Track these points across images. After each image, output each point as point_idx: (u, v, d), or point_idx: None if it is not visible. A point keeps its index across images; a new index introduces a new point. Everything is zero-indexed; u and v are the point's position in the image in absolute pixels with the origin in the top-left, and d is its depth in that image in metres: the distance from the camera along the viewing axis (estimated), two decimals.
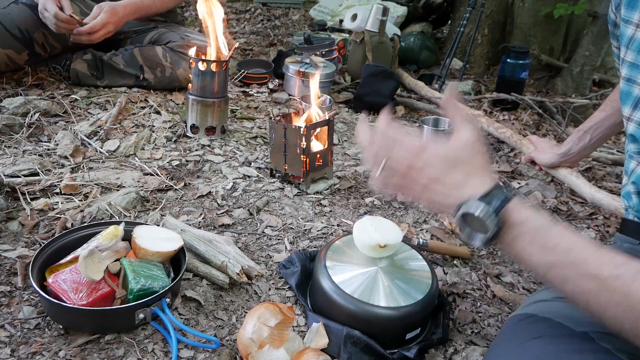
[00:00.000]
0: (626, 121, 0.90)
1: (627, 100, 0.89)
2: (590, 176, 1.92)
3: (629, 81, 0.89)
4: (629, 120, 0.89)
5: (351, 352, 0.94)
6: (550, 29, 3.03)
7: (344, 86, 2.55)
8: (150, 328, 0.97)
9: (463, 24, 2.73)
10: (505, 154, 2.05)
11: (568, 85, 2.81)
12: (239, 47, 2.89)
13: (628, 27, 0.88)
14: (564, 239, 0.66)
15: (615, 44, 1.00)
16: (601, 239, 1.52)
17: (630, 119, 0.88)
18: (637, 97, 0.87)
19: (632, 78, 0.88)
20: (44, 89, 1.88)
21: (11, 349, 0.90)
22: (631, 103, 0.88)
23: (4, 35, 1.77)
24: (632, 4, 0.87)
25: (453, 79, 2.86)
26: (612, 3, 0.97)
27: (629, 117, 0.89)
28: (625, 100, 0.89)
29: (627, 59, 0.88)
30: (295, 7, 4.17)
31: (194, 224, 1.30)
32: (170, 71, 1.98)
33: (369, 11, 2.62)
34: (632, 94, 0.88)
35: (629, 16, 0.88)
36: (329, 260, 1.03)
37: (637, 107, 0.87)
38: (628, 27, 0.88)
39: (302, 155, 1.46)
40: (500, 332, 0.84)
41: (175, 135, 1.73)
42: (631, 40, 0.87)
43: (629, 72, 0.88)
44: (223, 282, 1.09)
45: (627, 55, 0.88)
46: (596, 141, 1.38)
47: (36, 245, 1.15)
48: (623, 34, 0.89)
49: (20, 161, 1.43)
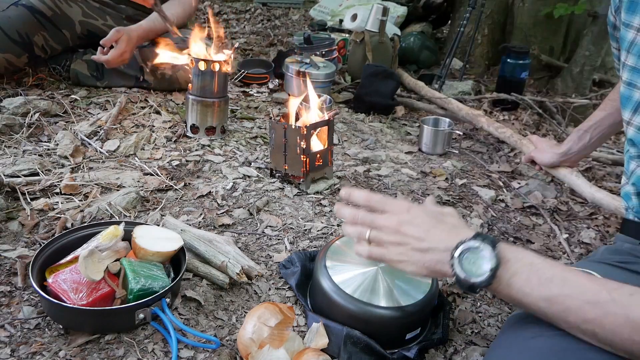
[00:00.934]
0: (626, 125, 0.90)
1: (628, 104, 0.89)
2: (590, 176, 1.93)
3: (629, 85, 0.88)
4: (629, 125, 0.89)
5: (351, 352, 0.94)
6: (550, 29, 3.03)
7: (344, 86, 2.55)
8: (150, 328, 0.97)
9: (463, 24, 2.73)
10: (505, 154, 2.05)
11: (568, 85, 2.81)
12: (239, 47, 2.89)
13: (629, 32, 0.88)
14: (556, 271, 0.68)
15: (615, 46, 1.00)
16: (601, 239, 1.52)
17: (630, 123, 0.88)
18: (637, 101, 0.87)
19: (632, 82, 0.88)
20: (44, 89, 1.88)
21: (11, 349, 0.90)
22: (631, 107, 0.88)
23: (3, 39, 1.75)
24: (632, 8, 0.87)
25: (453, 79, 2.86)
26: (611, 5, 0.96)
27: (629, 121, 0.89)
28: (625, 104, 0.89)
29: (628, 63, 0.88)
30: (295, 7, 4.17)
31: (194, 224, 1.30)
32: (170, 73, 1.98)
33: (369, 11, 2.63)
34: (632, 98, 0.88)
35: (629, 20, 0.88)
36: (329, 260, 1.03)
37: (638, 112, 0.87)
38: (629, 32, 0.88)
39: (302, 155, 1.46)
40: (500, 331, 0.84)
41: (175, 135, 1.73)
42: (632, 44, 0.87)
43: (630, 77, 0.88)
44: (223, 282, 1.09)
45: (628, 59, 0.88)
46: (596, 140, 1.38)
47: (36, 245, 1.15)
48: (624, 38, 0.89)
49: (20, 161, 1.43)
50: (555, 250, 1.45)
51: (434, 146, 1.96)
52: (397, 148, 1.98)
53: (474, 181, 1.76)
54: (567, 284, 0.67)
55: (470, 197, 1.64)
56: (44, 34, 1.85)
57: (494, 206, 1.62)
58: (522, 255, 0.72)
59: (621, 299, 0.64)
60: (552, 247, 1.46)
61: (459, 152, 2.02)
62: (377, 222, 0.83)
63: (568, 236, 1.52)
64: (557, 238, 1.50)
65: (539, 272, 0.69)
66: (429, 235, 0.78)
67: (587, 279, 0.67)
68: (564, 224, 1.59)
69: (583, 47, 2.73)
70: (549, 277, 0.68)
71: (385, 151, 1.90)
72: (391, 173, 1.71)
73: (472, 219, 1.49)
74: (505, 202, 1.66)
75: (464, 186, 1.70)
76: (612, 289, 0.65)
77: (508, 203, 1.65)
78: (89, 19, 1.97)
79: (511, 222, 1.55)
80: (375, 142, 1.98)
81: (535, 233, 1.52)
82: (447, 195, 1.60)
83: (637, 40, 0.86)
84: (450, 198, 1.59)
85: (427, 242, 0.78)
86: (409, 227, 0.80)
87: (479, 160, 1.97)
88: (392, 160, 1.84)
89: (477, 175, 1.83)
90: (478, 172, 1.86)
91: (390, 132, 2.14)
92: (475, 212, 1.54)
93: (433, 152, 1.97)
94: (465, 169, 1.86)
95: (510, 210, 1.62)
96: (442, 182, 1.70)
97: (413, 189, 1.62)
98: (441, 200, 1.57)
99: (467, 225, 0.80)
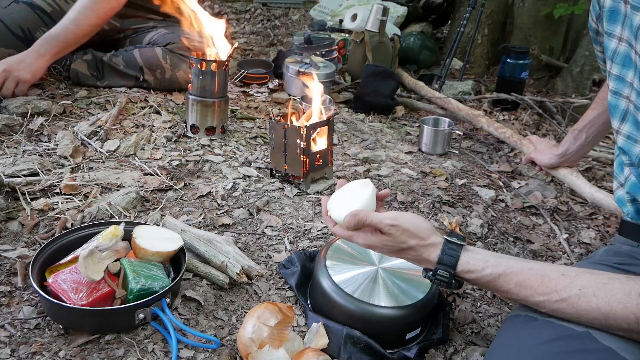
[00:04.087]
0: (615, 133, 0.89)
1: (615, 112, 0.88)
2: (590, 176, 1.93)
3: (615, 94, 0.88)
4: (618, 133, 0.88)
5: (351, 352, 0.94)
6: (550, 29, 3.03)
7: (344, 86, 2.55)
8: (150, 328, 0.97)
9: (463, 24, 2.73)
10: (505, 154, 2.05)
11: (568, 85, 2.81)
12: (238, 47, 2.89)
13: (611, 41, 0.87)
14: (511, 284, 0.78)
15: (599, 49, 1.00)
16: (601, 239, 1.52)
17: (619, 131, 0.88)
18: (624, 109, 0.87)
19: (618, 91, 0.87)
20: (44, 89, 1.88)
21: (11, 349, 0.90)
22: (619, 116, 0.88)
23: (6, 34, 1.77)
24: (613, 18, 0.86)
25: (453, 79, 2.86)
26: (592, 13, 0.96)
27: (617, 129, 0.88)
28: (613, 112, 0.89)
29: (613, 72, 0.88)
30: (295, 7, 4.17)
31: (194, 224, 1.30)
32: (170, 73, 1.98)
33: (369, 11, 2.62)
34: (619, 106, 0.87)
35: (611, 29, 0.87)
36: (329, 260, 1.03)
37: (625, 120, 0.86)
38: (611, 41, 0.87)
39: (302, 155, 1.46)
40: (500, 332, 0.84)
41: (175, 135, 1.73)
42: (615, 53, 0.87)
43: (616, 85, 0.87)
44: (223, 282, 1.09)
45: (612, 68, 0.88)
46: (592, 139, 1.38)
47: (36, 245, 1.15)
48: (607, 47, 0.89)
49: (20, 161, 1.43)
50: (555, 250, 1.45)
51: (434, 146, 1.96)
52: (397, 148, 1.98)
53: (474, 181, 1.76)
54: (521, 291, 0.78)
55: (470, 197, 1.64)
56: (45, 30, 1.85)
57: (494, 206, 1.62)
58: (479, 275, 0.81)
59: (570, 295, 0.73)
60: (552, 247, 1.46)
61: (459, 152, 2.02)
62: (356, 239, 0.90)
63: (568, 236, 1.52)
64: (557, 238, 1.50)
65: (496, 287, 0.81)
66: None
67: (540, 281, 0.77)
68: (564, 224, 1.59)
69: (583, 47, 2.73)
70: (506, 290, 0.80)
71: (385, 151, 1.90)
72: (391, 173, 1.71)
73: (472, 219, 1.49)
74: (505, 202, 1.66)
75: (464, 186, 1.71)
76: (562, 287, 0.74)
77: (508, 203, 1.65)
78: None
79: (511, 222, 1.55)
80: (375, 142, 1.98)
81: (535, 233, 1.52)
82: (447, 195, 1.60)
83: (619, 49, 0.86)
84: (450, 198, 1.59)
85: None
86: (381, 248, 0.88)
87: (479, 160, 1.97)
88: (392, 160, 1.84)
89: (477, 175, 1.83)
90: (478, 172, 1.86)
91: (390, 132, 2.14)
92: (475, 212, 1.54)
93: (433, 152, 1.97)
94: (465, 169, 1.86)
95: (510, 210, 1.62)
96: (442, 182, 1.70)
97: (413, 189, 1.62)
98: (441, 200, 1.57)
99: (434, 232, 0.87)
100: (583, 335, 0.71)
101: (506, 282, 0.78)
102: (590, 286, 0.72)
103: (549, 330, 0.74)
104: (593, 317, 0.71)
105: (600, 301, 0.71)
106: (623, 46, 0.84)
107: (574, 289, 0.73)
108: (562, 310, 0.74)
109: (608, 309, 0.70)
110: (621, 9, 0.84)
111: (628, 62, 0.84)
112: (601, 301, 0.70)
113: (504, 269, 0.79)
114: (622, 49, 0.84)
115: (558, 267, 0.78)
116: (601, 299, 0.71)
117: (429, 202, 1.55)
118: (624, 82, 0.85)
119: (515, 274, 0.78)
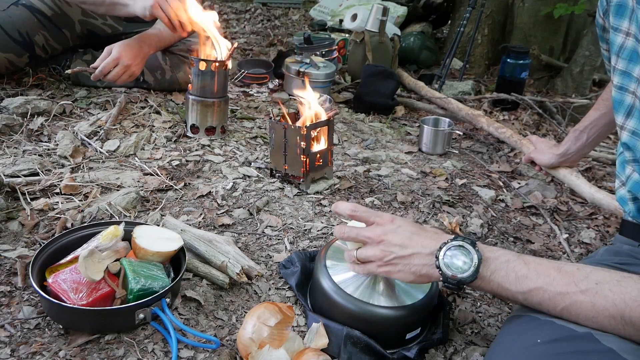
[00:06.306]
0: (619, 129, 0.89)
1: (620, 108, 0.88)
2: (590, 176, 1.93)
3: (620, 89, 0.88)
4: (622, 129, 0.88)
5: (351, 352, 0.94)
6: (550, 29, 3.03)
7: (344, 86, 2.55)
8: (150, 328, 0.97)
9: (463, 24, 2.73)
10: (505, 154, 2.05)
11: (568, 85, 2.81)
12: (238, 47, 2.89)
13: (618, 35, 0.87)
14: (530, 267, 0.76)
15: (605, 47, 1.00)
16: (601, 239, 1.52)
17: (624, 127, 0.87)
18: (629, 105, 0.86)
19: (624, 86, 0.87)
20: (44, 89, 1.88)
21: (11, 349, 0.90)
22: (624, 111, 0.87)
23: (4, 39, 1.75)
24: (620, 12, 0.86)
25: (453, 79, 2.86)
26: (599, 8, 0.96)
27: (622, 125, 0.88)
28: (617, 108, 0.88)
29: (618, 67, 0.87)
30: (295, 7, 4.17)
31: (194, 224, 1.30)
32: (170, 74, 1.98)
33: (369, 11, 2.63)
34: (624, 102, 0.87)
35: (618, 24, 0.87)
36: (329, 260, 1.03)
37: (630, 116, 0.86)
38: (618, 35, 0.87)
39: (302, 155, 1.46)
40: (500, 332, 0.84)
41: (175, 135, 1.73)
42: (621, 48, 0.86)
43: (621, 80, 0.87)
44: (223, 282, 1.09)
45: (618, 63, 0.88)
46: (593, 140, 1.38)
47: (36, 245, 1.15)
48: (613, 42, 0.89)
49: (20, 161, 1.43)
50: (555, 250, 1.45)
51: (434, 146, 1.96)
52: (397, 148, 1.98)
53: (474, 181, 1.76)
54: (540, 278, 0.75)
55: (470, 197, 1.64)
56: (45, 33, 1.85)
57: (494, 206, 1.62)
58: (499, 253, 0.80)
59: (588, 288, 0.71)
60: (552, 247, 1.46)
61: (459, 152, 2.02)
62: (363, 233, 0.90)
63: (568, 236, 1.52)
64: (557, 238, 1.50)
65: (515, 269, 0.77)
66: (412, 242, 0.85)
67: (558, 271, 0.75)
68: (564, 224, 1.59)
69: (583, 47, 2.73)
70: (525, 274, 0.76)
71: (385, 151, 1.90)
72: (391, 173, 1.71)
73: (472, 219, 1.49)
74: (505, 202, 1.66)
75: (464, 186, 1.71)
76: (580, 279, 0.72)
77: (508, 203, 1.65)
78: (89, 18, 1.97)
79: (511, 222, 1.55)
80: (375, 142, 1.99)
81: (535, 233, 1.52)
82: (447, 195, 1.60)
83: (626, 44, 0.85)
84: (450, 198, 1.59)
85: (410, 248, 0.84)
86: (393, 235, 0.86)
87: (479, 160, 1.97)
88: (392, 160, 1.84)
89: (477, 175, 1.83)
90: (478, 172, 1.86)
91: (390, 132, 2.14)
92: (475, 212, 1.54)
93: (433, 152, 1.97)
94: (465, 169, 1.86)
95: (510, 210, 1.62)
96: (442, 182, 1.70)
97: (413, 189, 1.62)
98: (441, 200, 1.57)
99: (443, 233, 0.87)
100: (584, 336, 0.71)
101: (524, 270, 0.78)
102: (606, 282, 0.72)
103: (550, 330, 0.74)
104: (609, 315, 0.70)
105: (616, 297, 0.70)
106: (630, 41, 0.84)
107: (591, 282, 0.72)
108: (580, 304, 0.72)
109: (624, 306, 0.69)
110: (628, 3, 0.84)
111: (635, 57, 0.84)
112: (617, 297, 0.70)
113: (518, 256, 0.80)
114: (629, 43, 0.85)
115: (570, 263, 0.78)
116: (617, 295, 0.70)
117: (429, 202, 1.55)
118: (630, 77, 0.85)
119: (534, 262, 0.78)
